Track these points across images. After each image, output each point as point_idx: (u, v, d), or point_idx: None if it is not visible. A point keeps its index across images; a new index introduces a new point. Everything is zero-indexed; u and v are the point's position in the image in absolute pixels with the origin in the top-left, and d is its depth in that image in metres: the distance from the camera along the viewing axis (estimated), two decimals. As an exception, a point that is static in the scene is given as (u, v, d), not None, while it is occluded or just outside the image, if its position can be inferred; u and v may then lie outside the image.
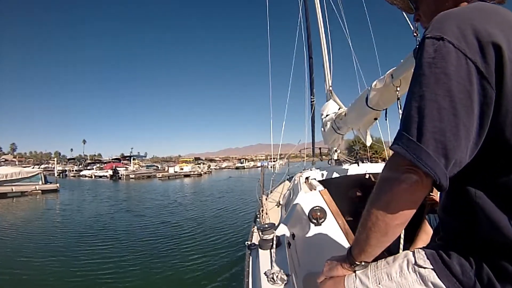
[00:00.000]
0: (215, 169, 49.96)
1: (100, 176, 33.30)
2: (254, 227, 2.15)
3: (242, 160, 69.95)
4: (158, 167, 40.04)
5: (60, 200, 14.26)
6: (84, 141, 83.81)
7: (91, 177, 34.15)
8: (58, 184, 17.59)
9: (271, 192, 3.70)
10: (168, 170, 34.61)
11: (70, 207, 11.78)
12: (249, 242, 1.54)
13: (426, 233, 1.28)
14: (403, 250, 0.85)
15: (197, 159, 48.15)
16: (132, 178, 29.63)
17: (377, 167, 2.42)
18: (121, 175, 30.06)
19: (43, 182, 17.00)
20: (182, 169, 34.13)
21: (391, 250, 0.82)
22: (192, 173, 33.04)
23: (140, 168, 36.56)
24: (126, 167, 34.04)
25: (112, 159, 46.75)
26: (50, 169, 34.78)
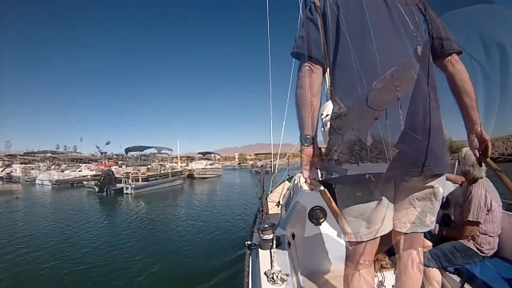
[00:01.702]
0: (211, 168, 49.52)
1: (84, 176, 32.92)
2: (254, 227, 2.19)
3: (240, 160, 69.61)
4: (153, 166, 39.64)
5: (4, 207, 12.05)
6: (81, 139, 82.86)
7: (74, 176, 33.70)
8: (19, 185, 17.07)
9: (271, 192, 3.76)
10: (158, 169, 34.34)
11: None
12: (249, 242, 1.58)
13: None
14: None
15: (189, 157, 47.63)
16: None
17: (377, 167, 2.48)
18: (104, 174, 29.85)
19: None
20: (173, 168, 33.89)
21: (391, 250, 0.86)
22: (182, 173, 32.80)
23: (126, 167, 36.08)
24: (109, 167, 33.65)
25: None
26: (38, 167, 34.13)
